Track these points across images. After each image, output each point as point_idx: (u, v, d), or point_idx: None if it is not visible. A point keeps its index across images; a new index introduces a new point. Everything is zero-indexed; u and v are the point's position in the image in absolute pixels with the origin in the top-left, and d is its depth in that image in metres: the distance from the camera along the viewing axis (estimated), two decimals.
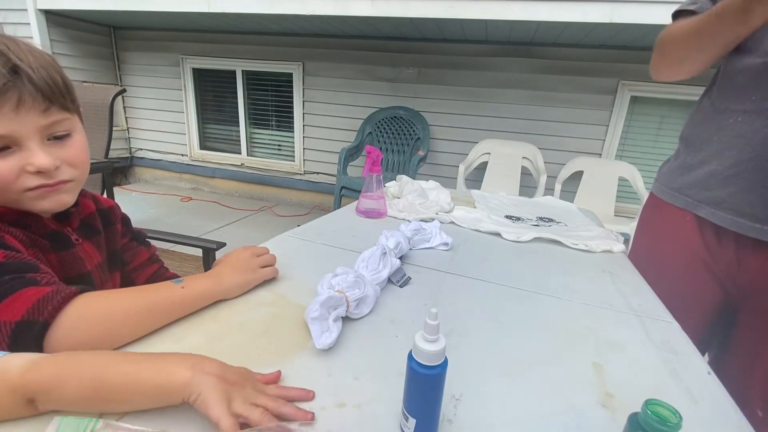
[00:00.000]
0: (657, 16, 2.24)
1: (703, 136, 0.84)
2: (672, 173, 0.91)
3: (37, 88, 0.47)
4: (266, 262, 0.67)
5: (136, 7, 3.08)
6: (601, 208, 2.84)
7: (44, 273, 0.46)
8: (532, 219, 1.24)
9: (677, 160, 0.91)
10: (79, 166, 0.55)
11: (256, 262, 0.64)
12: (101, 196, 0.71)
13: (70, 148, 0.53)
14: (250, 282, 0.63)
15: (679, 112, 3.10)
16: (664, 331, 0.63)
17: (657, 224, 0.95)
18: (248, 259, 0.64)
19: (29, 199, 0.51)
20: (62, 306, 0.42)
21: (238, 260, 0.63)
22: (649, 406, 0.32)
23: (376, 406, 0.43)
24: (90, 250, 0.62)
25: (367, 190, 1.13)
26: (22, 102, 0.46)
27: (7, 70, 0.45)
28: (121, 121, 4.38)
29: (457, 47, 3.32)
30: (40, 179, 0.50)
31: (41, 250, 0.53)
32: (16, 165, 0.48)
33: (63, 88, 0.51)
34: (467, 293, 0.72)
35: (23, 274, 0.44)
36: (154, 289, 0.52)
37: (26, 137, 0.48)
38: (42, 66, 0.48)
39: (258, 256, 0.66)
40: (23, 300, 0.41)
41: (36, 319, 0.40)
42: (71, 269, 0.56)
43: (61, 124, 0.52)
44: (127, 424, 0.35)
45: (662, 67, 0.85)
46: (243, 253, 0.64)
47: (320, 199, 4.07)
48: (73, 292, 0.44)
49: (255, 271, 0.63)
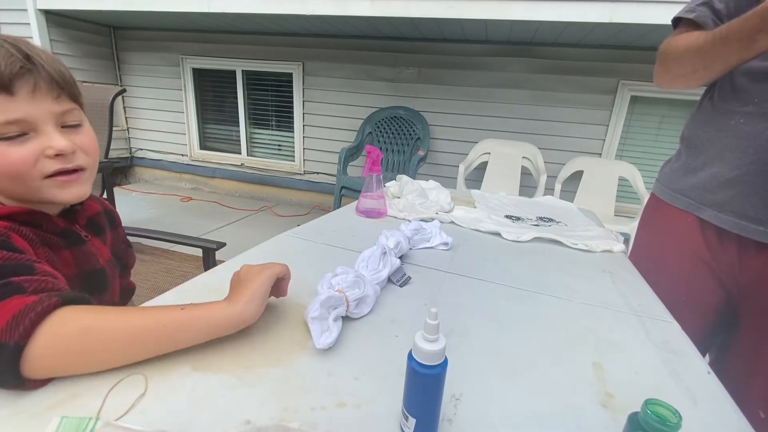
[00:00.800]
0: (657, 16, 2.24)
1: (704, 137, 0.84)
2: (674, 174, 0.91)
3: (50, 76, 0.49)
4: (273, 266, 0.55)
5: (136, 7, 3.08)
6: (601, 208, 2.84)
7: (37, 276, 0.44)
8: (532, 219, 1.24)
9: (679, 161, 0.91)
10: (92, 153, 0.56)
11: (258, 267, 0.53)
12: (104, 200, 0.73)
13: (83, 135, 0.55)
14: (257, 288, 0.50)
15: (679, 112, 3.10)
16: (664, 331, 0.63)
17: (658, 225, 0.95)
18: (250, 268, 0.53)
19: (48, 188, 0.51)
20: (36, 323, 0.38)
21: (245, 275, 0.52)
22: (649, 406, 0.32)
23: (376, 406, 0.43)
24: (99, 246, 0.63)
25: (367, 190, 1.13)
26: (38, 87, 0.48)
27: (22, 56, 0.47)
28: (121, 121, 4.38)
29: (457, 47, 3.32)
30: (58, 163, 0.51)
31: (53, 247, 0.53)
32: (36, 150, 0.49)
33: (71, 81, 0.54)
34: (467, 293, 0.72)
35: (12, 280, 0.42)
36: (149, 309, 0.46)
37: (43, 122, 0.49)
38: (51, 59, 0.51)
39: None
40: (4, 312, 0.38)
41: (6, 342, 0.37)
42: (85, 264, 0.57)
43: (72, 113, 0.53)
44: (127, 424, 0.35)
45: (666, 79, 0.86)
46: (244, 267, 0.54)
47: (320, 199, 4.07)
48: (51, 305, 0.40)
49: (260, 272, 0.51)
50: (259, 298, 0.49)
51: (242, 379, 0.44)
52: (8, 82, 0.46)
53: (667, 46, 0.83)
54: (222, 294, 0.61)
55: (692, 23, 0.80)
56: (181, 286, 0.64)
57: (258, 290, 0.49)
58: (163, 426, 0.36)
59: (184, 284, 0.64)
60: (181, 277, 1.43)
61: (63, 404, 0.38)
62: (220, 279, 0.68)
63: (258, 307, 0.48)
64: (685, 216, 0.87)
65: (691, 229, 0.86)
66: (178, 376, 0.43)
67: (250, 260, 0.75)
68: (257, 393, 0.42)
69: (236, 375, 0.44)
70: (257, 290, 0.49)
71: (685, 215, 0.87)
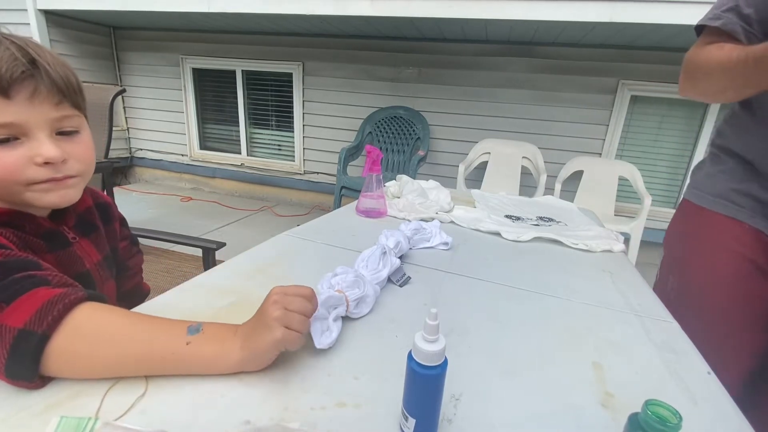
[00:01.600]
0: (657, 16, 2.23)
1: (749, 144, 0.78)
2: (716, 180, 0.83)
3: (52, 82, 0.48)
4: (295, 312, 0.44)
5: (136, 7, 3.08)
6: (601, 208, 2.85)
7: (49, 270, 0.45)
8: (532, 218, 1.24)
9: (719, 165, 0.83)
10: (86, 162, 0.55)
11: (276, 315, 0.43)
12: (99, 191, 0.69)
13: (78, 144, 0.53)
14: (261, 350, 0.43)
15: (680, 112, 3.10)
16: (664, 331, 0.63)
17: (702, 234, 0.85)
18: (271, 311, 0.43)
19: (34, 193, 0.50)
20: (64, 315, 0.39)
21: (263, 315, 0.44)
22: (649, 407, 0.32)
23: (376, 406, 0.42)
24: (88, 247, 0.60)
25: (367, 190, 1.13)
26: (38, 92, 0.47)
27: (27, 60, 0.46)
28: (121, 121, 4.38)
29: (457, 47, 3.32)
30: (48, 172, 0.49)
31: (35, 251, 0.51)
32: (24, 155, 0.47)
33: (76, 87, 0.52)
34: (467, 293, 0.72)
35: (34, 272, 0.43)
36: (160, 329, 0.44)
37: (36, 128, 0.48)
38: (58, 64, 0.50)
39: (288, 301, 0.45)
40: (33, 301, 0.39)
41: (35, 331, 0.38)
42: (69, 269, 0.55)
43: (71, 119, 0.52)
44: (126, 424, 0.35)
45: (693, 94, 0.80)
46: (270, 299, 0.45)
47: (320, 199, 4.07)
48: (78, 299, 0.41)
49: (272, 330, 0.42)
50: (264, 359, 0.44)
51: (242, 379, 0.44)
52: (6, 86, 0.45)
53: (695, 57, 0.76)
54: (222, 293, 0.62)
55: (719, 31, 0.73)
56: (181, 286, 0.64)
57: (265, 352, 0.44)
58: (163, 426, 0.36)
59: (183, 284, 0.64)
60: (181, 277, 1.43)
61: (62, 404, 0.38)
62: (220, 279, 0.68)
63: (261, 364, 0.45)
64: (736, 224, 0.78)
65: (745, 237, 0.78)
66: (178, 376, 0.43)
67: (250, 260, 0.76)
68: (257, 393, 0.42)
69: (236, 375, 0.44)
70: (264, 352, 0.44)
71: (737, 224, 0.78)
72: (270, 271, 0.72)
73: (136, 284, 0.77)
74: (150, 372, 0.43)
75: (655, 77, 3.01)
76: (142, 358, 0.42)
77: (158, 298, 0.60)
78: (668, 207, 3.25)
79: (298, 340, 0.44)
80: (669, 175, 3.24)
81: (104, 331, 0.42)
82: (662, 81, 3.00)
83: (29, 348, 0.38)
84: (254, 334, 0.44)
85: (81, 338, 0.40)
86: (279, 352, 0.45)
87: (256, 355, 0.44)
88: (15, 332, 0.38)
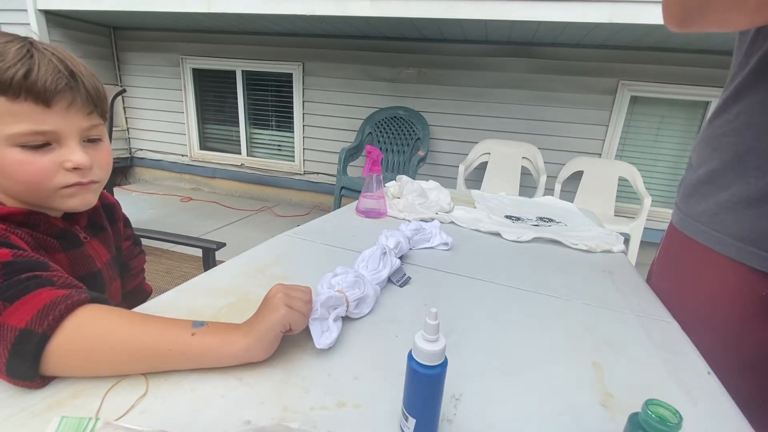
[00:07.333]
0: (657, 16, 2.23)
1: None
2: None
3: (87, 93, 0.52)
4: (297, 297, 0.49)
5: (136, 7, 3.08)
6: (601, 208, 2.85)
7: (56, 271, 0.46)
8: (532, 219, 1.24)
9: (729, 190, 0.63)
10: (107, 168, 0.58)
11: (279, 296, 0.48)
12: (106, 192, 0.71)
13: (101, 151, 0.56)
14: (266, 330, 0.46)
15: (679, 112, 3.10)
16: (664, 331, 0.63)
17: (689, 274, 0.71)
18: (274, 296, 0.48)
19: (61, 197, 0.52)
20: (65, 315, 0.40)
21: (266, 303, 0.48)
22: (649, 406, 0.32)
23: (376, 406, 0.43)
24: (98, 247, 0.62)
25: (367, 190, 1.13)
26: (74, 103, 0.50)
27: (68, 72, 0.50)
28: (121, 121, 4.38)
29: (457, 47, 3.32)
30: (76, 176, 0.52)
31: (48, 250, 0.53)
32: (55, 161, 0.50)
33: (104, 98, 0.55)
34: (467, 293, 0.72)
35: (39, 273, 0.43)
36: (165, 323, 0.45)
37: (69, 136, 0.51)
38: (91, 75, 0.54)
39: (290, 289, 0.50)
40: (36, 302, 0.40)
41: (36, 330, 0.38)
42: (81, 268, 0.57)
43: (97, 128, 0.55)
44: (127, 424, 0.35)
45: (700, 16, 0.55)
46: (271, 291, 0.50)
47: (320, 199, 4.07)
48: (81, 301, 0.42)
49: (276, 309, 0.46)
50: (269, 341, 0.46)
51: (242, 379, 0.44)
52: (50, 97, 0.48)
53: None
54: (222, 294, 0.62)
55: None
56: (181, 286, 0.64)
57: (269, 332, 0.46)
58: (163, 426, 0.36)
59: (183, 284, 0.64)
60: (180, 277, 1.43)
61: (63, 404, 0.38)
62: (220, 279, 0.68)
63: (267, 349, 0.46)
64: (731, 265, 0.62)
65: (743, 281, 0.62)
66: (178, 376, 0.43)
67: (250, 260, 0.76)
68: (257, 393, 0.42)
69: (236, 375, 0.44)
70: (269, 331, 0.46)
71: (730, 264, 0.63)
72: (270, 272, 0.72)
73: (138, 284, 0.77)
74: (154, 367, 0.43)
75: (655, 77, 3.01)
76: (147, 352, 0.43)
77: (158, 299, 0.60)
78: (668, 207, 3.26)
79: (301, 319, 0.48)
80: (669, 175, 3.24)
81: (107, 328, 0.43)
82: (662, 81, 3.00)
83: (30, 347, 0.38)
84: (258, 318, 0.47)
85: (82, 337, 0.41)
86: (283, 332, 0.47)
87: (261, 337, 0.45)
88: (16, 332, 0.38)
